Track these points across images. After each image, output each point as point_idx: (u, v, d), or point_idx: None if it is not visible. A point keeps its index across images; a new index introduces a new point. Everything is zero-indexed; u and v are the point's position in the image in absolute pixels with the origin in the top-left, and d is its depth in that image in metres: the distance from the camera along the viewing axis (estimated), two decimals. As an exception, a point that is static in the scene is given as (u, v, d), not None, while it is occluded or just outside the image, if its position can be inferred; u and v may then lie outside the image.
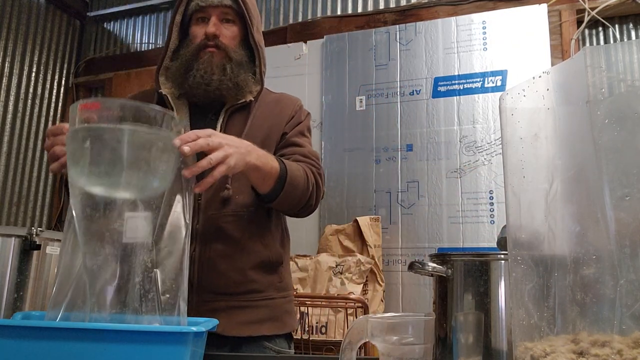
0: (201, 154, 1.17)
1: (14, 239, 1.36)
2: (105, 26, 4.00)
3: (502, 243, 1.13)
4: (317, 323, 2.30)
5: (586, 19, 2.69)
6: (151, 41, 3.83)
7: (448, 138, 2.76)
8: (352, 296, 2.37)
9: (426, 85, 2.85)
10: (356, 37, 3.06)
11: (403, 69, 2.92)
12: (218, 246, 1.18)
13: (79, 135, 0.75)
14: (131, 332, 0.68)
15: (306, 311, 2.29)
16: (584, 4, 2.70)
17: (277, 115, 1.30)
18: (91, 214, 0.76)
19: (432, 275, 0.78)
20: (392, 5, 3.13)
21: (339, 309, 2.35)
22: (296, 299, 2.01)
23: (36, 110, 3.58)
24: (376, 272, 2.60)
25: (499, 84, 2.72)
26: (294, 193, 1.16)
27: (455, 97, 2.78)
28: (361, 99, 2.95)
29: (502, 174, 1.90)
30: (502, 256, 0.72)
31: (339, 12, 3.25)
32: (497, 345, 0.70)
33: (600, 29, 2.82)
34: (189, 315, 1.10)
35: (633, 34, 2.76)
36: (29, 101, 3.53)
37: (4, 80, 3.37)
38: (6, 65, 3.39)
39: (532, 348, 0.53)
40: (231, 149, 0.95)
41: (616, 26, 2.79)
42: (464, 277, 0.74)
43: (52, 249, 1.56)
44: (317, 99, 3.04)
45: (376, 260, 2.61)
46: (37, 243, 1.44)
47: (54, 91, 3.72)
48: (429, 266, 0.76)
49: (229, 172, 0.96)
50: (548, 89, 0.56)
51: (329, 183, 2.85)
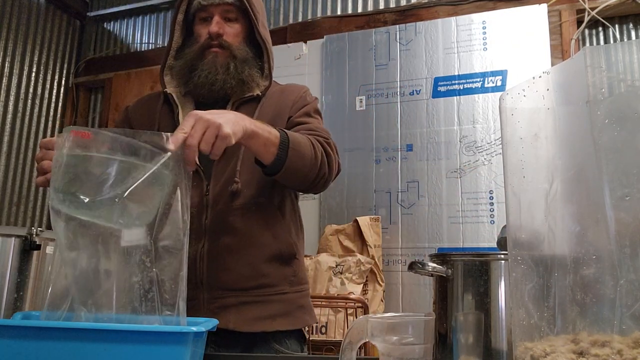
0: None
1: (14, 239, 1.36)
2: (105, 26, 4.00)
3: (502, 243, 1.13)
4: (317, 323, 2.30)
5: (586, 19, 2.69)
6: (151, 41, 3.83)
7: (448, 138, 2.76)
8: (352, 296, 2.37)
9: (426, 85, 2.85)
10: (356, 37, 3.06)
11: (403, 69, 2.92)
12: (226, 241, 1.16)
13: (65, 161, 0.75)
14: (131, 332, 0.68)
15: (306, 311, 2.29)
16: (584, 4, 2.70)
17: (282, 103, 1.29)
18: (78, 231, 0.76)
19: (432, 275, 0.78)
20: (392, 5, 3.13)
21: (339, 309, 2.35)
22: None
23: (36, 110, 3.58)
24: (376, 272, 2.60)
25: (499, 84, 2.72)
26: (301, 161, 1.10)
27: (455, 97, 2.78)
28: (361, 99, 2.95)
29: (502, 174, 1.90)
30: (502, 256, 0.72)
31: (339, 12, 3.25)
32: (497, 345, 0.70)
33: (600, 29, 2.82)
34: (199, 313, 1.10)
35: (633, 34, 2.76)
36: (29, 101, 3.53)
37: (4, 80, 3.37)
38: (6, 65, 3.39)
39: (532, 348, 0.53)
40: (219, 119, 0.90)
41: (616, 26, 2.79)
42: (464, 277, 0.74)
43: (51, 249, 1.56)
44: (317, 99, 3.04)
45: (376, 260, 2.61)
46: (37, 243, 1.44)
47: (54, 91, 3.72)
48: (429, 266, 0.76)
49: (229, 141, 0.91)
50: (548, 89, 0.56)
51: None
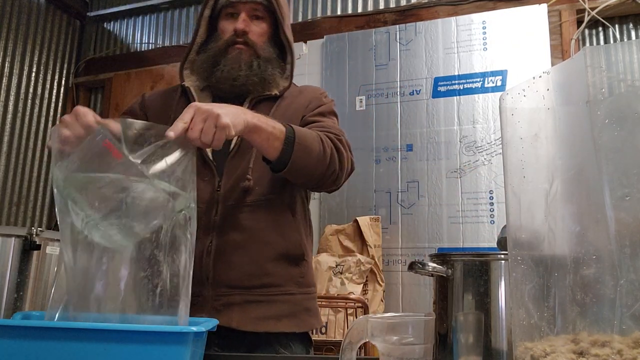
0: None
1: (14, 239, 1.36)
2: (105, 26, 4.00)
3: (502, 243, 1.13)
4: (322, 326, 2.30)
5: (586, 19, 2.69)
6: (151, 41, 3.83)
7: (448, 138, 2.76)
8: (352, 296, 2.37)
9: (426, 85, 2.85)
10: (356, 37, 3.06)
11: (403, 69, 2.92)
12: (233, 237, 1.15)
13: (89, 180, 0.78)
14: (131, 332, 0.68)
15: (306, 311, 2.29)
16: (584, 4, 2.70)
17: (298, 103, 1.28)
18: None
19: (432, 275, 0.78)
20: (392, 5, 3.13)
21: (339, 309, 2.35)
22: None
23: (36, 110, 3.58)
24: (376, 272, 2.60)
25: (499, 84, 2.72)
26: (308, 157, 1.08)
27: (455, 97, 2.78)
28: (361, 99, 2.95)
29: (502, 174, 1.90)
30: (502, 256, 0.72)
31: (339, 12, 3.25)
32: (497, 345, 0.70)
33: (600, 29, 2.82)
34: (204, 310, 1.11)
35: (633, 34, 2.76)
36: (29, 101, 3.53)
37: (4, 80, 3.37)
38: (6, 65, 3.39)
39: (532, 348, 0.53)
40: (219, 109, 0.90)
41: (616, 26, 2.79)
42: (464, 277, 0.74)
43: (52, 249, 1.56)
44: (317, 99, 3.04)
45: (376, 260, 2.61)
46: (37, 243, 1.44)
47: (54, 91, 3.72)
48: (429, 266, 0.76)
49: (229, 133, 0.91)
50: (548, 89, 0.56)
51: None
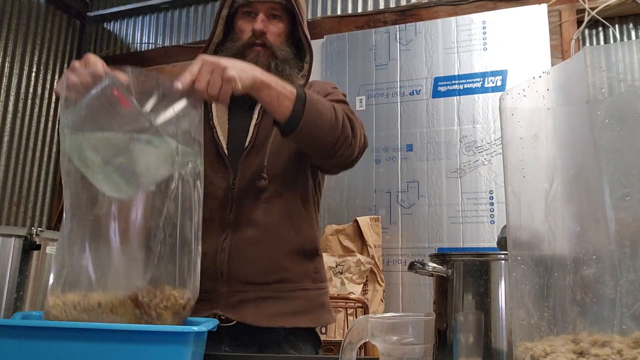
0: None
1: (14, 239, 1.36)
2: (105, 26, 4.00)
3: (502, 243, 1.13)
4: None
5: (586, 19, 2.69)
6: (151, 41, 3.83)
7: (448, 138, 2.76)
8: (352, 296, 2.37)
9: (426, 85, 2.85)
10: (356, 37, 3.06)
11: (403, 69, 2.92)
12: (248, 233, 1.14)
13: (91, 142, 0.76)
14: (131, 332, 0.68)
15: (306, 311, 2.29)
16: (584, 4, 2.70)
17: None
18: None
19: (432, 275, 0.78)
20: (392, 5, 3.13)
21: (339, 309, 2.35)
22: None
23: (36, 110, 3.58)
24: (376, 272, 2.60)
25: (499, 84, 2.72)
26: (320, 120, 1.05)
27: (455, 97, 2.78)
28: (361, 99, 2.95)
29: (502, 174, 1.90)
30: (502, 256, 0.72)
31: (339, 12, 3.25)
32: (497, 345, 0.70)
33: (600, 29, 2.82)
34: (218, 306, 1.11)
35: (633, 34, 2.76)
36: (29, 101, 3.53)
37: (4, 80, 3.37)
38: (6, 65, 3.39)
39: (532, 348, 0.53)
40: (226, 62, 0.90)
41: (616, 26, 2.79)
42: (464, 277, 0.74)
43: (52, 249, 1.56)
44: (317, 99, 3.04)
45: (376, 260, 2.61)
46: (37, 243, 1.44)
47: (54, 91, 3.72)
48: (429, 266, 0.76)
49: (235, 86, 0.90)
50: (548, 89, 0.56)
51: (329, 183, 2.85)
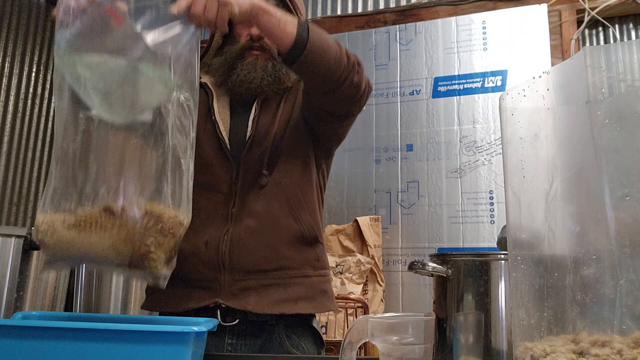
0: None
1: (14, 239, 1.36)
2: (105, 26, 4.00)
3: (502, 243, 1.13)
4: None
5: (586, 19, 2.69)
6: (151, 41, 3.82)
7: (448, 138, 2.76)
8: (352, 296, 2.37)
9: (426, 85, 2.85)
10: (356, 37, 3.06)
11: (403, 69, 2.92)
12: (248, 223, 1.16)
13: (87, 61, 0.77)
14: (131, 332, 0.68)
15: (306, 311, 2.29)
16: (584, 4, 2.70)
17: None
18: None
19: (432, 275, 0.78)
20: (392, 5, 3.13)
21: (339, 309, 2.36)
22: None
23: (36, 110, 3.58)
24: (376, 272, 2.60)
25: (499, 84, 2.72)
26: (326, 46, 1.03)
27: (455, 97, 2.78)
28: (361, 99, 2.95)
29: (502, 174, 1.90)
30: (502, 256, 0.72)
31: (339, 12, 3.25)
32: (497, 345, 0.70)
33: (600, 29, 2.82)
34: (221, 295, 1.12)
35: (633, 34, 2.76)
36: (29, 101, 3.53)
37: (4, 80, 3.37)
38: (6, 65, 3.39)
39: (532, 348, 0.53)
40: None
41: (616, 26, 2.79)
42: (464, 277, 0.74)
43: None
44: (317, 99, 3.04)
45: (376, 260, 2.61)
46: (37, 243, 1.44)
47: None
48: (429, 266, 0.76)
49: (232, 10, 0.90)
50: (548, 89, 0.56)
51: (329, 183, 2.85)
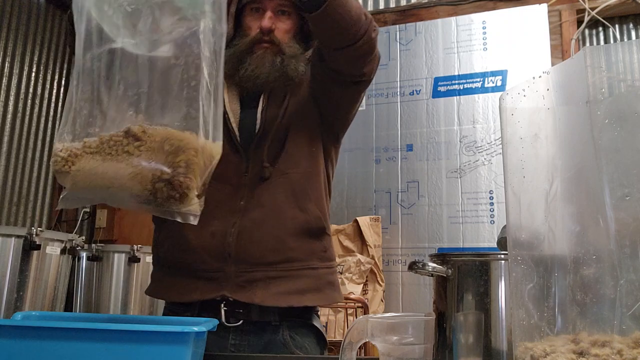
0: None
1: (14, 239, 1.36)
2: (105, 26, 4.00)
3: (502, 243, 1.13)
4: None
5: (586, 19, 2.69)
6: (151, 41, 3.82)
7: (448, 138, 2.76)
8: (352, 296, 2.37)
9: (426, 85, 2.85)
10: (356, 37, 3.06)
11: (403, 69, 2.92)
12: (254, 215, 1.15)
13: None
14: (131, 332, 0.68)
15: (306, 311, 2.29)
16: (584, 4, 2.70)
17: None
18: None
19: (432, 275, 0.78)
20: (392, 5, 3.13)
21: (339, 309, 2.36)
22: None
23: (36, 110, 3.58)
24: (376, 272, 2.60)
25: (499, 84, 2.72)
26: (346, 3, 1.02)
27: (455, 97, 2.78)
28: (361, 99, 2.95)
29: (502, 174, 1.90)
30: (502, 256, 0.72)
31: (339, 12, 3.25)
32: (497, 345, 0.70)
33: (600, 29, 2.82)
34: (227, 285, 1.11)
35: (633, 34, 2.76)
36: (29, 101, 3.53)
37: (4, 80, 3.37)
38: (6, 65, 3.39)
39: (532, 348, 0.53)
40: None
41: (616, 26, 2.79)
42: (464, 277, 0.74)
43: (51, 249, 1.56)
44: (317, 99, 3.04)
45: (376, 260, 2.61)
46: (37, 243, 1.44)
47: (54, 91, 3.72)
48: (429, 266, 0.76)
49: None
50: (548, 89, 0.56)
51: (329, 183, 2.86)
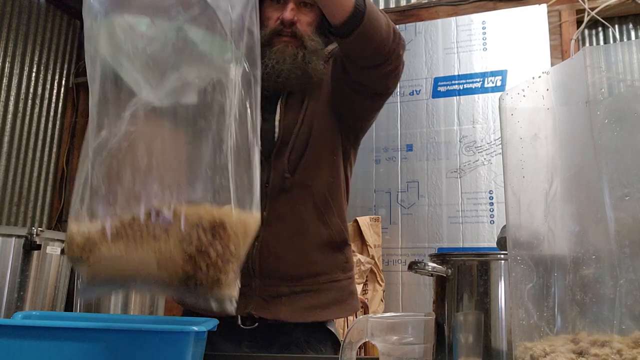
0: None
1: (14, 239, 1.36)
2: (105, 26, 4.00)
3: (502, 243, 1.13)
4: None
5: (586, 19, 2.69)
6: (151, 41, 3.82)
7: (448, 138, 2.76)
8: (352, 296, 2.37)
9: (426, 85, 2.85)
10: (356, 37, 3.05)
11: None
12: (277, 228, 1.13)
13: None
14: (132, 332, 0.68)
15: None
16: (583, 4, 2.70)
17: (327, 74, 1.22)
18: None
19: (432, 275, 0.78)
20: (392, 5, 3.13)
21: (339, 309, 2.35)
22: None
23: (36, 110, 3.58)
24: (376, 272, 2.60)
25: (498, 84, 2.72)
26: (379, 23, 0.97)
27: (455, 97, 2.78)
28: (361, 99, 2.95)
29: (502, 174, 1.90)
30: (502, 256, 0.72)
31: (339, 12, 3.24)
32: (497, 345, 0.70)
33: (600, 29, 2.82)
34: (253, 300, 1.09)
35: (633, 34, 2.76)
36: (29, 101, 3.53)
37: (4, 80, 3.37)
38: (6, 65, 3.39)
39: (532, 348, 0.53)
40: None
41: (616, 26, 2.79)
42: (464, 277, 0.74)
43: (52, 249, 1.56)
44: (317, 99, 3.04)
45: (376, 260, 2.61)
46: (37, 243, 1.44)
47: (54, 91, 3.72)
48: (429, 266, 0.76)
49: None
50: (548, 89, 0.56)
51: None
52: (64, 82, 3.80)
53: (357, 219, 2.69)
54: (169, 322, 0.84)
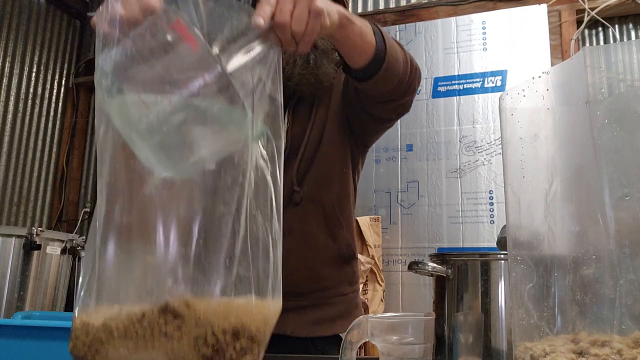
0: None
1: (14, 239, 1.36)
2: (105, 26, 3.99)
3: (502, 243, 1.13)
4: None
5: (586, 19, 2.69)
6: (151, 41, 3.82)
7: (448, 138, 2.76)
8: (352, 296, 2.37)
9: (426, 86, 2.85)
10: (356, 37, 3.05)
11: (403, 69, 2.92)
12: (285, 242, 1.10)
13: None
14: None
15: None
16: (583, 4, 2.70)
17: (338, 80, 1.18)
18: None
19: (432, 275, 0.78)
20: (392, 5, 3.13)
21: (339, 309, 2.35)
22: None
23: (36, 110, 3.58)
24: (376, 272, 2.60)
25: (498, 84, 2.72)
26: (398, 62, 0.95)
27: (455, 97, 2.78)
28: (361, 99, 2.95)
29: (502, 174, 1.90)
30: (502, 256, 0.72)
31: (339, 12, 3.24)
32: (497, 345, 0.70)
33: (600, 29, 2.82)
34: None
35: (633, 34, 2.76)
36: (29, 101, 3.53)
37: (4, 80, 3.37)
38: (6, 65, 3.39)
39: (532, 348, 0.53)
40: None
41: (616, 26, 2.79)
42: (463, 277, 0.74)
43: (52, 249, 1.56)
44: (317, 99, 3.04)
45: (376, 260, 2.61)
46: (37, 243, 1.44)
47: (54, 91, 3.72)
48: (428, 266, 0.76)
49: (324, 22, 0.73)
50: (548, 89, 0.56)
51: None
52: (64, 82, 3.80)
53: (357, 219, 2.69)
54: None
